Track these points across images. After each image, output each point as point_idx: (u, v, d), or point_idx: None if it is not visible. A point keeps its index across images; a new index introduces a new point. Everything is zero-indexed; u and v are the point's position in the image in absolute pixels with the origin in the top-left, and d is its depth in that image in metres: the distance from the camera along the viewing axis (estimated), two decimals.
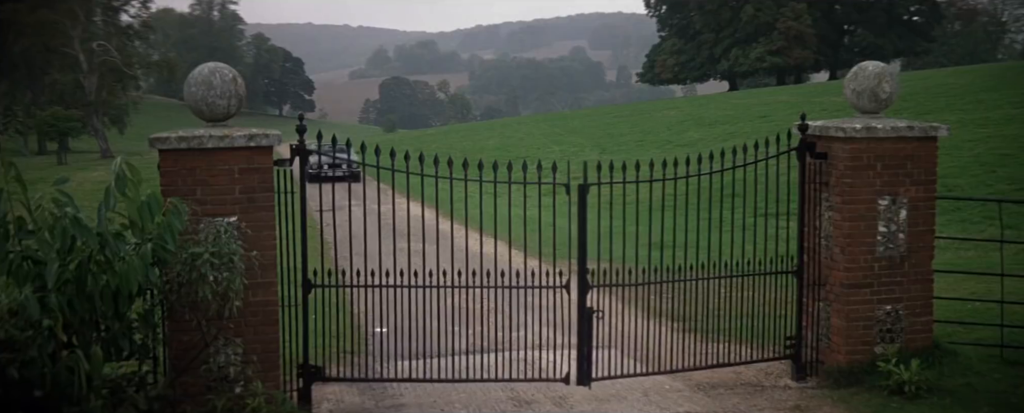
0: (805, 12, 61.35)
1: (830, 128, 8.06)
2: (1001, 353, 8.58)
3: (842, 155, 7.94)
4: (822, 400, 7.82)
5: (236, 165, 7.20)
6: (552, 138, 42.24)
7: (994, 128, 25.13)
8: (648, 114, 46.71)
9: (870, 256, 8.04)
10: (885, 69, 8.02)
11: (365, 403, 8.11)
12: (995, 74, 39.85)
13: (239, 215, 7.15)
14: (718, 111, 42.11)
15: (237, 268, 6.66)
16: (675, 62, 68.11)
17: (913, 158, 7.97)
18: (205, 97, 7.23)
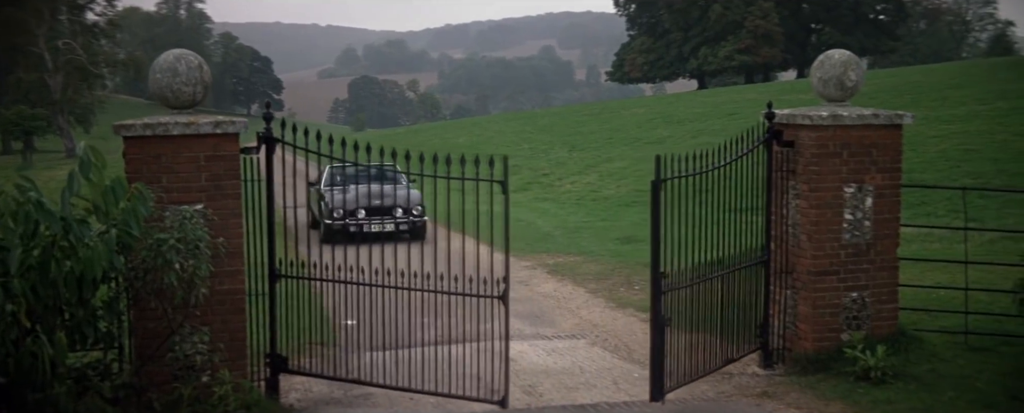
0: (773, 11, 61.71)
1: (797, 116, 8.11)
2: (965, 340, 8.66)
3: (809, 143, 7.99)
4: (789, 386, 7.87)
5: (202, 152, 7.15)
6: (522, 136, 42.27)
7: (959, 124, 25.37)
8: (617, 112, 46.81)
9: (836, 243, 8.10)
10: (851, 58, 8.08)
11: (333, 392, 8.08)
12: (960, 72, 40.26)
13: (205, 203, 7.10)
14: (687, 109, 42.27)
15: (203, 255, 6.61)
16: (644, 61, 68.30)
17: (878, 146, 8.03)
18: (170, 84, 7.17)
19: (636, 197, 23.82)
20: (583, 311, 11.09)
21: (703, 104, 43.30)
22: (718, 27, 62.72)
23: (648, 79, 72.97)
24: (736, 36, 62.04)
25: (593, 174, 28.69)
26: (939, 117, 26.72)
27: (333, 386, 8.24)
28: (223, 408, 6.76)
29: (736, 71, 64.86)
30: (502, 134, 44.91)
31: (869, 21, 63.49)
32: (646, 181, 27.48)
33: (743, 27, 61.73)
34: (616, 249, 16.00)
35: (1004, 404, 7.20)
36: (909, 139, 13.60)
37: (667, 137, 34.49)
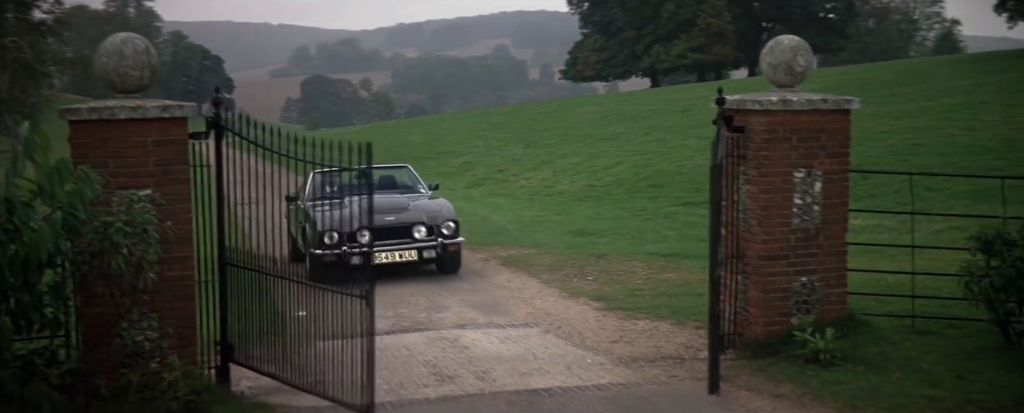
0: (725, 9, 62.18)
1: (747, 101, 8.17)
2: (912, 323, 8.79)
3: (758, 128, 8.05)
4: (741, 369, 7.92)
5: (150, 137, 7.07)
6: (476, 134, 42.21)
7: (907, 120, 25.71)
8: (571, 110, 46.91)
9: (786, 228, 8.16)
10: (800, 43, 8.15)
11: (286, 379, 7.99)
12: (908, 69, 40.83)
13: (153, 188, 7.01)
14: (640, 106, 42.45)
15: (151, 238, 6.53)
16: (597, 59, 68.52)
17: (827, 131, 8.11)
18: (116, 67, 7.08)
19: (589, 192, 23.90)
20: (537, 301, 11.10)
21: (656, 102, 43.51)
22: (671, 25, 63.08)
23: (601, 77, 73.20)
24: (689, 34, 62.43)
25: (547, 170, 28.72)
26: (888, 113, 27.07)
27: (285, 372, 8.15)
28: (173, 394, 6.68)
29: (689, 69, 65.28)
30: (456, 132, 44.83)
31: (819, 20, 64.24)
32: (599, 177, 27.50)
33: (695, 25, 62.15)
34: (570, 241, 16.03)
35: (949, 383, 7.31)
36: (858, 134, 13.77)
37: (620, 134, 34.61)
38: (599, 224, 18.41)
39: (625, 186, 23.81)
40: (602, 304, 10.75)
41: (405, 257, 12.28)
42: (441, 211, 12.79)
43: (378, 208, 11.26)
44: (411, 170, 14.86)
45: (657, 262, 13.38)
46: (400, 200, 13.14)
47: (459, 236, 12.72)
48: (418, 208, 12.90)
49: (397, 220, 12.45)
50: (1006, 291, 7.88)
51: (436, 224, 12.55)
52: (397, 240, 12.30)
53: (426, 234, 12.43)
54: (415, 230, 12.45)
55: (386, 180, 14.19)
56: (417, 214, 12.69)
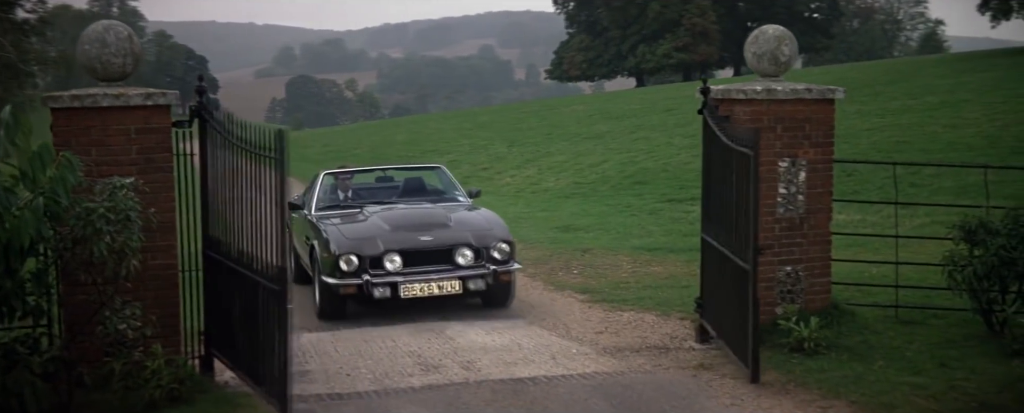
0: (710, 9, 62.21)
1: (732, 91, 8.19)
2: (896, 313, 8.83)
3: (743, 117, 8.07)
4: (725, 358, 7.94)
5: (133, 125, 7.04)
6: (461, 133, 42.16)
7: (891, 118, 25.82)
8: (556, 109, 46.90)
9: (771, 218, 8.18)
10: (785, 33, 8.17)
11: None
12: (892, 69, 40.98)
13: (136, 176, 6.98)
14: (625, 105, 42.47)
15: (134, 225, 6.50)
16: (583, 59, 68.46)
17: (811, 120, 8.14)
18: (99, 55, 7.04)
19: (575, 189, 23.92)
20: (522, 293, 11.08)
21: (641, 101, 43.54)
22: (656, 25, 63.07)
23: (587, 77, 73.15)
24: (674, 34, 62.44)
25: (532, 168, 28.72)
26: (871, 111, 27.18)
27: None
28: (156, 383, 6.64)
29: (674, 69, 65.31)
30: (441, 131, 44.77)
31: (804, 19, 64.34)
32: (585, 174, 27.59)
33: (681, 25, 62.16)
34: (555, 237, 16.04)
35: (932, 371, 7.34)
36: (843, 132, 13.82)
37: (606, 132, 34.64)
38: (584, 220, 18.41)
39: (611, 183, 23.82)
40: (587, 296, 10.76)
41: (446, 289, 9.51)
42: (491, 229, 10.01)
43: (409, 223, 9.90)
44: (445, 171, 11.93)
45: (642, 256, 13.38)
46: (437, 213, 10.35)
47: (514, 261, 10.02)
48: (461, 224, 10.10)
49: (435, 241, 9.72)
50: (989, 279, 7.93)
51: (485, 246, 9.75)
52: (435, 266, 9.63)
53: (473, 259, 9.69)
54: (458, 254, 9.65)
55: (412, 184, 11.53)
56: (460, 232, 9.87)
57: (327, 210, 10.76)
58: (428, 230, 9.88)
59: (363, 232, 9.81)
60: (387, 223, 9.91)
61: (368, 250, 9.51)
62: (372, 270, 9.45)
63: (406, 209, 10.56)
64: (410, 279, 9.45)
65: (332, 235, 9.75)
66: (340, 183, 11.33)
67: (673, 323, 9.35)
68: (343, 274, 9.44)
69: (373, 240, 9.63)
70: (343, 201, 11.10)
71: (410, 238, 9.68)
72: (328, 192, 11.25)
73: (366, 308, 9.90)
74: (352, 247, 9.53)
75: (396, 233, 9.72)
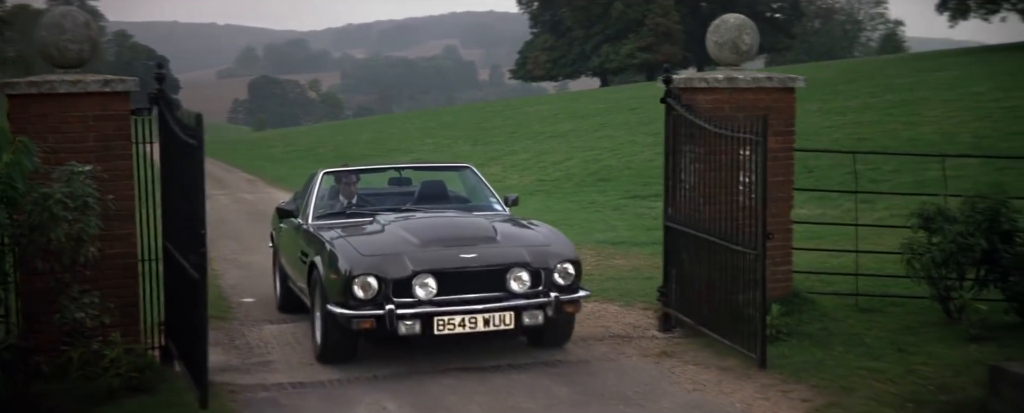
0: (673, 9, 62.54)
1: (694, 79, 8.23)
2: (855, 301, 8.93)
3: (705, 106, 8.11)
4: (688, 346, 7.99)
5: (90, 112, 6.98)
6: (425, 132, 42.15)
7: (852, 116, 26.10)
8: (520, 109, 47.00)
9: (733, 206, 8.20)
10: (746, 22, 8.23)
11: (231, 360, 7.94)
12: (853, 68, 41.40)
13: (94, 164, 6.90)
14: (590, 105, 42.64)
15: (92, 211, 6.43)
16: (547, 59, 68.58)
17: (772, 109, 8.18)
18: (56, 41, 6.97)
19: (539, 186, 23.96)
20: None
21: (606, 100, 43.73)
22: (619, 25, 63.31)
23: (551, 77, 73.28)
24: (637, 34, 62.68)
25: (496, 166, 28.74)
26: (832, 109, 27.45)
27: (230, 354, 8.13)
28: (115, 371, 6.57)
29: (638, 69, 65.53)
30: (405, 131, 44.74)
31: (766, 19, 64.70)
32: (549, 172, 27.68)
33: (644, 25, 62.42)
34: None
35: (891, 356, 7.43)
36: (804, 130, 13.93)
37: (570, 131, 34.75)
38: (548, 216, 18.40)
39: (574, 180, 23.90)
40: None
41: (495, 323, 7.33)
42: (551, 245, 7.84)
43: (444, 236, 7.68)
44: (474, 172, 9.60)
45: (606, 249, 13.42)
46: (478, 224, 8.12)
47: (580, 286, 7.85)
48: (512, 238, 7.88)
49: (481, 259, 7.46)
50: (946, 266, 8.03)
51: (546, 267, 7.55)
52: (480, 294, 7.39)
53: (529, 284, 7.50)
54: (511, 277, 7.45)
55: (432, 188, 9.31)
56: (513, 249, 7.65)
57: (329, 218, 8.56)
58: (470, 245, 7.57)
59: (384, 246, 7.51)
60: (414, 235, 7.60)
61: (393, 270, 7.23)
62: (397, 297, 7.21)
63: (435, 218, 8.32)
64: (448, 310, 7.22)
65: (341, 250, 7.46)
66: (343, 185, 9.08)
67: (636, 313, 9.38)
68: (357, 302, 7.17)
69: (398, 257, 7.32)
70: (348, 207, 8.86)
71: (448, 255, 7.39)
72: (329, 196, 9.10)
73: (385, 347, 7.66)
74: (371, 266, 7.22)
75: (428, 248, 7.42)
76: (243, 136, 74.83)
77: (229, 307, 10.16)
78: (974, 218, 7.95)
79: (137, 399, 6.60)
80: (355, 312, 7.19)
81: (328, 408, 6.70)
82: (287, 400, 6.88)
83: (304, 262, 8.13)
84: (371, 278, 7.20)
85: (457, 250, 7.48)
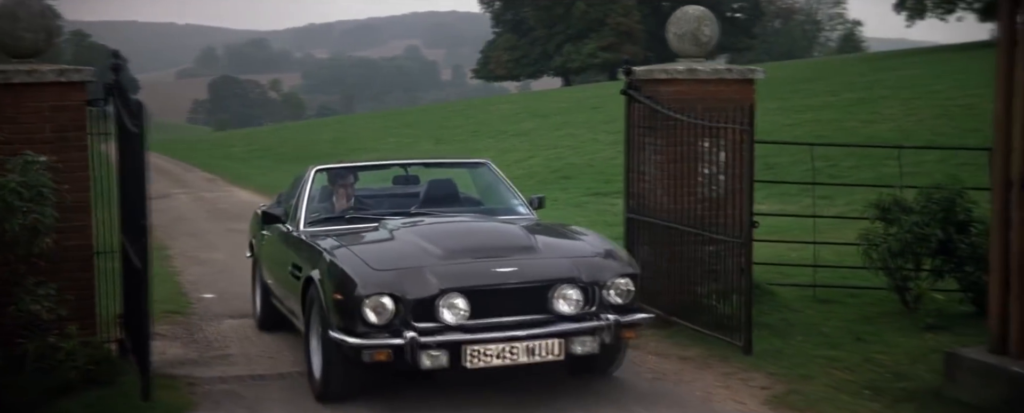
0: (634, 9, 62.90)
1: (654, 71, 8.27)
2: (814, 293, 9.03)
3: (666, 98, 8.15)
4: (648, 337, 7.99)
5: (46, 102, 6.89)
6: (387, 131, 42.08)
7: (812, 114, 26.40)
8: (483, 108, 47.08)
9: (693, 198, 8.26)
10: (705, 13, 8.28)
11: (189, 354, 7.88)
12: (813, 67, 41.85)
13: (50, 155, 6.81)
14: (552, 104, 42.78)
15: (48, 201, 6.35)
16: (509, 58, 68.69)
17: (733, 101, 8.22)
18: (11, 30, 6.87)
19: None
20: None
21: (568, 99, 43.89)
22: (581, 25, 63.53)
23: (513, 77, 73.42)
24: (599, 34, 62.95)
25: None
26: (793, 107, 27.72)
27: (189, 348, 8.08)
28: (71, 364, 6.49)
29: (600, 69, 65.78)
30: (368, 130, 44.65)
31: (726, 19, 65.14)
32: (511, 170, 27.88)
33: (605, 25, 62.69)
34: None
35: (849, 345, 7.52)
36: (765, 127, 13.99)
37: (532, 129, 34.85)
38: None
39: (536, 178, 23.96)
40: None
41: (540, 353, 6.08)
42: (601, 254, 6.60)
43: (472, 245, 6.46)
44: (492, 169, 8.27)
45: None
46: (510, 231, 6.89)
47: (639, 307, 6.58)
48: (554, 248, 6.69)
49: (521, 273, 6.21)
50: (903, 256, 8.13)
51: (598, 282, 6.31)
52: (517, 316, 6.14)
53: (581, 303, 6.24)
54: (558, 295, 6.21)
55: (442, 188, 7.96)
56: (557, 260, 6.43)
57: (325, 224, 7.34)
58: (504, 256, 6.31)
59: (400, 258, 6.25)
60: (435, 244, 6.36)
61: (413, 288, 5.95)
62: (418, 321, 5.94)
63: (454, 223, 7.14)
64: (482, 337, 5.97)
65: (347, 263, 6.17)
66: (339, 185, 7.90)
67: None
68: (370, 328, 5.90)
69: (419, 272, 6.03)
70: (346, 211, 7.63)
71: (479, 269, 6.16)
72: (323, 198, 7.83)
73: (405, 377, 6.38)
74: (385, 283, 5.96)
75: (454, 261, 6.18)
76: (204, 136, 74.24)
77: (189, 303, 10.09)
78: (930, 208, 8.06)
79: (94, 392, 6.52)
80: (366, 341, 5.87)
81: (289, 399, 6.66)
82: (247, 392, 6.83)
83: (296, 277, 6.87)
84: (386, 298, 5.89)
85: (490, 263, 6.19)
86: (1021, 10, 6.06)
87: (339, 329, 6.03)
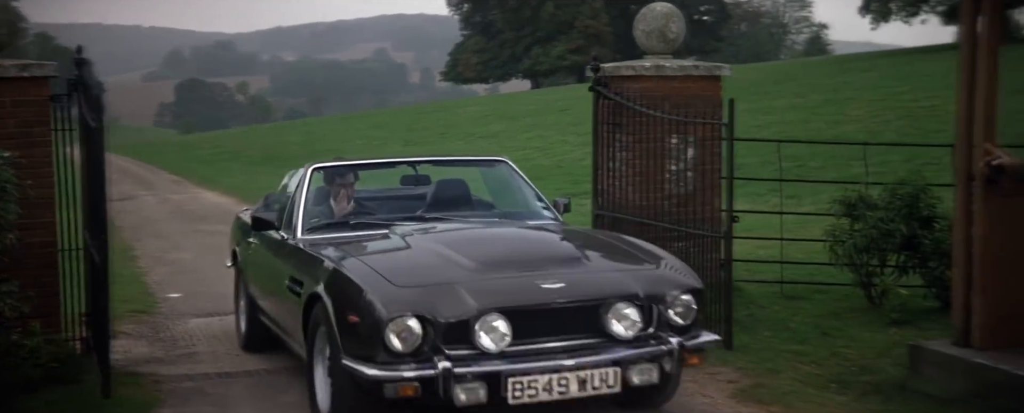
0: (602, 11, 63.17)
1: (622, 68, 8.30)
2: (781, 289, 9.08)
3: (633, 94, 8.17)
4: None
5: (9, 97, 6.82)
6: (356, 133, 41.99)
7: (778, 115, 26.60)
8: (451, 110, 47.08)
9: (661, 194, 8.29)
10: (673, 10, 8.32)
11: (155, 352, 7.82)
12: (779, 70, 42.16)
13: (13, 151, 6.73)
14: (521, 106, 42.85)
15: (10, 196, 6.27)
16: (478, 61, 68.79)
17: (700, 97, 8.27)
18: None
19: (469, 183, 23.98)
20: None
21: (537, 102, 43.96)
22: (550, 27, 63.71)
23: (482, 79, 73.50)
24: (567, 36, 63.18)
25: None
26: (759, 109, 27.91)
27: (155, 346, 8.01)
28: (34, 362, 6.42)
29: (568, 71, 66.01)
30: (336, 132, 44.54)
31: (694, 22, 65.61)
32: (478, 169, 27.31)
33: (574, 27, 62.93)
34: None
35: (815, 340, 7.57)
36: None
37: (500, 131, 34.90)
38: None
39: None
40: None
41: (595, 385, 5.12)
42: (658, 266, 5.77)
43: (509, 256, 5.52)
44: (511, 167, 7.47)
45: None
46: (550, 240, 6.18)
47: (701, 329, 5.69)
48: (604, 259, 5.84)
49: (570, 290, 5.25)
50: (868, 252, 8.19)
51: (659, 297, 5.39)
52: (566, 341, 5.20)
53: (640, 324, 5.29)
54: (611, 314, 5.26)
55: (449, 190, 7.16)
56: (610, 274, 5.56)
57: (326, 231, 6.43)
58: (549, 269, 5.37)
59: (426, 271, 5.32)
60: (463, 254, 5.46)
61: (446, 308, 4.98)
62: (450, 346, 4.97)
63: (482, 230, 6.37)
64: (527, 367, 5.00)
65: (362, 277, 5.19)
66: (337, 185, 7.02)
67: None
68: (392, 356, 4.92)
69: (451, 289, 5.08)
70: (350, 215, 6.78)
71: (523, 285, 5.19)
72: (320, 200, 6.91)
73: None
74: (412, 302, 4.99)
75: (491, 274, 5.26)
76: (170, 139, 73.77)
77: (155, 302, 10.03)
78: (894, 204, 8.13)
79: (58, 389, 6.46)
80: (389, 372, 4.87)
81: (255, 396, 6.62)
82: (213, 389, 6.79)
83: (295, 293, 5.90)
84: (413, 321, 4.91)
85: (533, 276, 5.24)
86: (982, 13, 6.16)
87: (353, 357, 5.02)
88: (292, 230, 6.47)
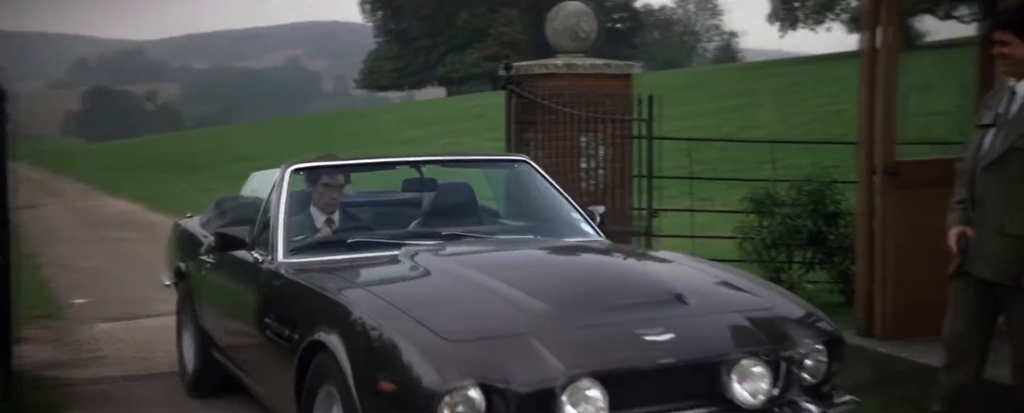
0: (517, 19, 63.42)
1: (534, 66, 8.34)
2: None
3: (545, 92, 8.22)
4: None
5: None
6: (268, 142, 41.49)
7: (690, 121, 26.98)
8: (367, 118, 46.88)
9: (574, 192, 8.33)
10: (584, 9, 8.40)
11: (59, 356, 7.62)
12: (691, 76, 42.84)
13: None
14: (436, 112, 42.87)
15: None
16: (393, 68, 68.51)
17: (611, 96, 8.37)
18: None
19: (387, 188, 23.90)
20: None
21: (453, 109, 44.02)
22: (465, 35, 63.77)
23: (397, 86, 73.24)
24: (482, 43, 63.28)
25: None
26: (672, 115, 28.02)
27: (59, 351, 7.81)
28: None
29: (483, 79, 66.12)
30: (248, 141, 43.96)
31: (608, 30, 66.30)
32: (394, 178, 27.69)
33: (489, 35, 63.07)
34: None
35: None
36: None
37: (416, 137, 34.83)
38: None
39: None
40: None
41: None
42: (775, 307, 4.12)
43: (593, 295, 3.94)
44: (533, 168, 5.89)
45: None
46: (642, 271, 4.54)
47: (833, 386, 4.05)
48: (713, 300, 4.11)
49: (681, 342, 3.73)
50: (776, 248, 8.33)
51: (790, 352, 3.87)
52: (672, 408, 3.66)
53: (769, 387, 3.77)
54: (734, 375, 3.73)
55: (452, 195, 5.70)
56: (725, 318, 3.96)
57: (316, 252, 4.91)
58: (645, 312, 3.86)
59: (483, 317, 3.77)
60: (527, 291, 3.90)
61: (520, 371, 3.46)
62: None
63: (539, 254, 4.87)
64: None
65: (394, 325, 3.65)
66: (323, 186, 5.46)
67: None
68: None
69: (523, 343, 3.57)
70: (338, 231, 5.29)
71: (621, 338, 3.70)
72: (302, 210, 5.37)
73: None
74: (472, 362, 3.46)
75: (573, 320, 3.74)
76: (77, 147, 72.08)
77: (60, 307, 9.80)
78: (801, 201, 8.28)
79: None
80: None
81: (162, 398, 6.48)
82: (120, 392, 6.63)
83: (281, 337, 4.35)
84: (474, 391, 3.40)
85: (629, 324, 3.75)
86: (881, 22, 6.37)
87: None
88: (271, 251, 4.82)
